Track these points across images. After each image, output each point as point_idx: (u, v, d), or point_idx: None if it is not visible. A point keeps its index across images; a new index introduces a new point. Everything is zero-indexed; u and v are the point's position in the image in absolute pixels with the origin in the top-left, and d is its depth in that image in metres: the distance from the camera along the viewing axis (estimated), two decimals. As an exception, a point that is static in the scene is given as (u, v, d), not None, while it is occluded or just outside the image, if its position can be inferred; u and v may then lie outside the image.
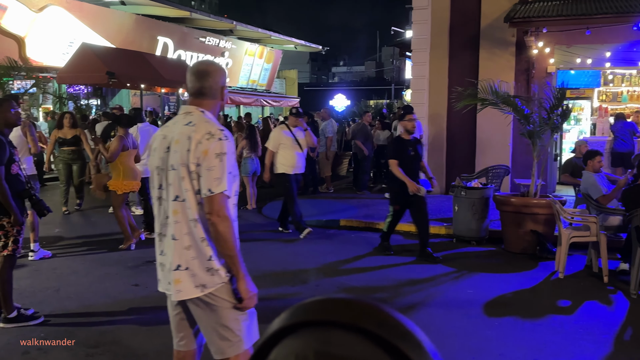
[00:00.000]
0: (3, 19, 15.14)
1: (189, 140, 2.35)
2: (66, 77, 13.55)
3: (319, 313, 0.56)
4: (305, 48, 30.22)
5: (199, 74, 2.48)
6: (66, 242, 7.28)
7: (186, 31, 21.80)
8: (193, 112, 2.45)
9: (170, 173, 2.40)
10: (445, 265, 6.41)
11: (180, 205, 2.39)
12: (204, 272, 2.39)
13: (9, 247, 4.44)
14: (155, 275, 5.83)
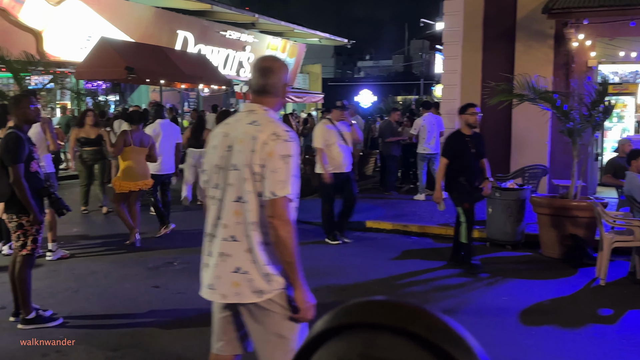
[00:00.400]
0: (20, 12, 15.48)
1: (253, 141, 2.36)
2: (84, 72, 13.81)
3: (364, 315, 0.57)
4: (330, 42, 30.25)
5: (264, 70, 2.50)
6: (85, 242, 7.43)
7: (206, 24, 22.00)
8: (257, 110, 2.47)
9: (231, 173, 2.42)
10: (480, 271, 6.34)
11: (242, 206, 2.40)
12: (261, 277, 2.40)
13: (27, 246, 4.53)
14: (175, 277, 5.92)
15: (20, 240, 4.52)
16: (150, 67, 14.04)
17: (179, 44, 20.47)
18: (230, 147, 2.44)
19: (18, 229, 4.50)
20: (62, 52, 16.51)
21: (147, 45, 16.30)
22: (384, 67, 58.90)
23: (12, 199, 4.45)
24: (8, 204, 4.50)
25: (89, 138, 9.16)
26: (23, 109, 4.57)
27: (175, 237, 7.88)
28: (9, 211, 4.51)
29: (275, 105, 2.54)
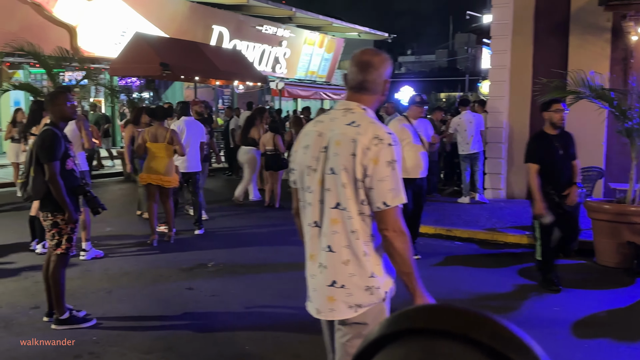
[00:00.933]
0: (55, 7, 15.95)
1: (353, 144, 2.27)
2: (119, 68, 14.13)
3: (425, 321, 0.57)
4: (370, 36, 30.16)
5: (363, 65, 2.38)
6: (118, 242, 7.60)
7: (242, 19, 22.24)
8: (354, 109, 2.37)
9: (328, 177, 2.33)
10: (528, 278, 6.24)
11: (341, 214, 2.31)
12: (361, 290, 2.32)
13: (62, 245, 4.65)
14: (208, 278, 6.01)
15: (55, 239, 4.64)
16: (185, 64, 14.27)
17: (214, 40, 20.75)
18: (325, 148, 2.35)
19: (53, 227, 4.62)
20: (96, 47, 16.94)
21: (182, 40, 16.58)
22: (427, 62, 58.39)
23: (48, 197, 4.57)
24: (43, 202, 4.63)
25: None
26: (60, 106, 4.68)
27: (210, 237, 7.99)
28: (44, 209, 4.64)
29: (374, 104, 2.44)
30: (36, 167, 4.54)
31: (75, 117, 5.05)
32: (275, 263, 6.75)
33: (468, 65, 40.55)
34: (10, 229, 8.18)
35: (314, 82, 27.29)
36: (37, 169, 4.54)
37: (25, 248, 7.00)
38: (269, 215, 9.71)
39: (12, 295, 5.41)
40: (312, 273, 2.45)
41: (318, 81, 27.89)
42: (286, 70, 25.41)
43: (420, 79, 42.73)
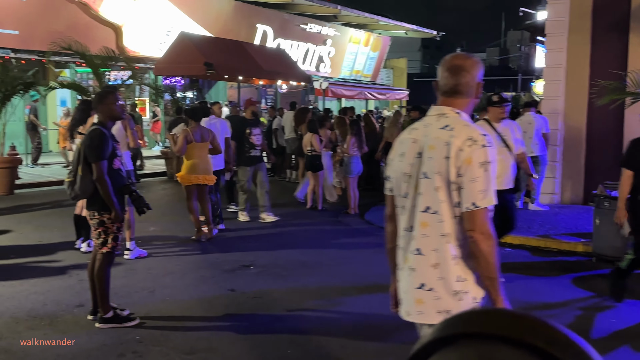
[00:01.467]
0: (101, 6, 16.42)
1: (447, 147, 2.33)
2: (163, 68, 14.45)
3: (480, 325, 0.58)
4: (417, 34, 29.96)
5: (455, 69, 2.45)
6: (161, 242, 7.78)
7: (287, 18, 22.42)
8: (448, 113, 2.44)
9: (422, 181, 2.40)
10: (583, 288, 6.09)
11: (431, 217, 2.37)
12: (450, 295, 2.35)
13: (108, 244, 4.79)
14: (251, 280, 6.07)
15: (101, 237, 4.78)
16: (228, 63, 14.49)
17: (257, 39, 20.99)
18: (419, 154, 2.42)
19: (99, 226, 4.76)
20: (141, 47, 17.36)
21: (226, 40, 16.84)
22: (477, 61, 57.37)
23: (95, 196, 4.71)
24: (90, 201, 4.77)
25: None
26: (109, 105, 4.83)
27: (252, 239, 8.09)
28: (90, 208, 4.79)
29: (467, 107, 2.49)
30: (84, 166, 4.68)
31: (123, 116, 5.19)
32: (318, 266, 6.78)
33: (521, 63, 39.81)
34: (56, 227, 8.47)
35: (358, 81, 27.26)
36: (85, 168, 4.68)
37: (70, 246, 7.24)
38: (311, 218, 9.75)
39: (57, 293, 5.60)
40: (404, 276, 2.50)
41: (363, 81, 27.85)
42: (330, 70, 25.47)
43: (470, 78, 42.04)
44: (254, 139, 9.14)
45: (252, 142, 9.11)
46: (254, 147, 9.15)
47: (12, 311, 5.08)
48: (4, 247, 7.35)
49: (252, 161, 9.18)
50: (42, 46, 14.85)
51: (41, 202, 10.69)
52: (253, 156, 9.17)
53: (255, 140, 9.15)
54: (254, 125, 9.30)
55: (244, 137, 9.10)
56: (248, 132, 9.10)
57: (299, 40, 23.18)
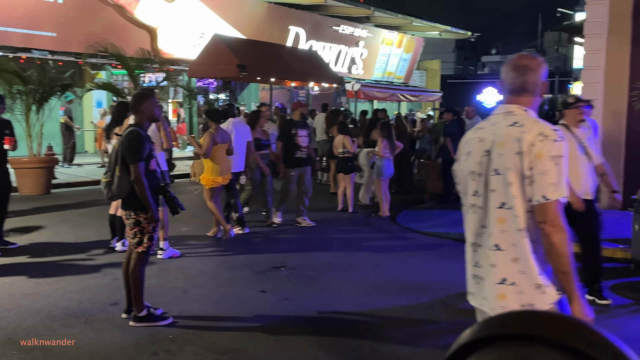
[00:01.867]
0: (136, 9, 16.71)
1: (518, 142, 2.38)
2: (197, 70, 14.63)
3: (519, 327, 0.58)
4: (451, 35, 29.73)
5: (521, 68, 2.53)
6: (194, 242, 7.88)
7: (319, 19, 22.49)
8: (515, 111, 2.49)
9: (493, 178, 2.45)
10: (621, 295, 5.97)
11: (507, 213, 2.41)
12: (532, 289, 2.38)
13: (144, 244, 4.88)
14: (282, 282, 6.12)
15: (137, 237, 4.87)
16: (261, 65, 14.59)
17: (290, 40, 21.10)
18: (487, 151, 2.48)
19: (135, 226, 4.85)
20: (175, 49, 17.61)
21: (259, 42, 16.97)
22: (512, 62, 56.61)
23: (131, 196, 4.80)
24: (126, 201, 4.86)
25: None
26: (147, 107, 4.93)
27: (283, 241, 8.14)
28: (127, 208, 4.87)
29: (534, 105, 2.56)
30: (121, 166, 4.77)
31: (160, 118, 5.30)
32: (349, 269, 6.78)
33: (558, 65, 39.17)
34: (91, 226, 8.65)
35: (391, 83, 27.16)
36: (123, 168, 4.76)
37: (105, 245, 7.39)
38: (342, 220, 9.76)
39: (92, 292, 5.72)
40: (480, 275, 2.54)
41: (395, 82, 27.75)
42: (362, 71, 25.45)
43: (505, 80, 41.54)
44: (300, 140, 9.11)
45: (298, 144, 9.08)
46: (300, 149, 9.13)
47: (48, 309, 5.21)
48: (40, 245, 7.55)
49: (298, 163, 9.13)
50: (78, 48, 15.20)
51: (77, 201, 10.93)
52: (299, 158, 9.13)
53: (301, 142, 9.11)
54: (300, 127, 9.27)
55: (290, 139, 9.09)
56: (294, 133, 9.08)
57: (331, 41, 23.22)
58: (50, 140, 13.58)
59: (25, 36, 14.65)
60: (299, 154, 9.12)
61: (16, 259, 6.86)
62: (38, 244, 7.61)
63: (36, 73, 12.03)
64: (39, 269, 6.49)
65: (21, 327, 4.78)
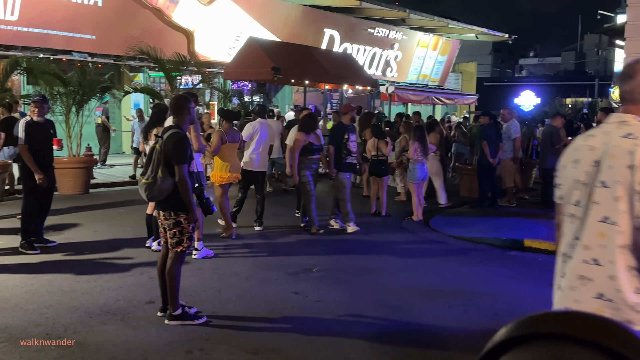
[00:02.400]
0: (174, 12, 16.99)
1: (630, 155, 2.28)
2: (232, 72, 14.81)
3: (554, 326, 0.60)
4: (488, 37, 29.41)
5: (625, 76, 2.44)
6: (227, 243, 7.98)
7: (354, 22, 22.49)
8: (630, 121, 2.39)
9: (598, 190, 2.36)
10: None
11: (609, 228, 2.32)
12: (628, 307, 2.30)
13: (183, 244, 4.99)
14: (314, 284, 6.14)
15: (176, 237, 4.96)
16: (295, 67, 14.68)
17: (324, 43, 21.16)
18: (597, 162, 2.38)
19: (175, 226, 4.94)
20: (211, 52, 17.83)
21: (293, 44, 17.07)
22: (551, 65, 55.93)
23: (171, 197, 4.89)
24: (166, 202, 4.94)
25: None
26: (188, 109, 5.05)
27: (315, 243, 8.18)
28: (166, 209, 4.95)
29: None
30: (164, 168, 4.84)
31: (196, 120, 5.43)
32: (381, 272, 6.78)
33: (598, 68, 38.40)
34: (128, 225, 8.84)
35: (425, 86, 27.01)
36: (165, 170, 4.84)
37: (141, 244, 7.54)
38: (375, 223, 9.75)
39: (129, 290, 5.85)
40: (572, 285, 2.44)
41: (430, 85, 27.57)
42: (397, 74, 25.36)
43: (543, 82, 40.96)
44: (351, 145, 9.04)
45: (349, 149, 9.01)
46: (351, 154, 9.05)
47: (86, 306, 5.35)
48: (79, 244, 7.74)
49: (349, 168, 9.07)
50: (117, 50, 15.54)
51: (114, 201, 11.17)
52: (350, 163, 9.06)
53: (351, 147, 9.05)
54: (352, 131, 9.21)
55: (341, 143, 8.97)
56: (346, 138, 8.99)
57: (365, 44, 23.21)
58: (89, 141, 13.90)
59: (65, 38, 15.03)
60: (349, 159, 9.03)
61: (55, 257, 7.05)
62: (76, 243, 7.81)
63: (76, 75, 12.34)
64: (78, 266, 6.66)
65: (60, 323, 4.92)
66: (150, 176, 4.88)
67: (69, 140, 12.11)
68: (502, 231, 9.01)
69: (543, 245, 8.19)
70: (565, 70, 49.52)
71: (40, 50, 14.52)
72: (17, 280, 6.06)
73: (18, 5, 13.83)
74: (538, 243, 8.27)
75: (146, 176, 4.91)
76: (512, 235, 8.73)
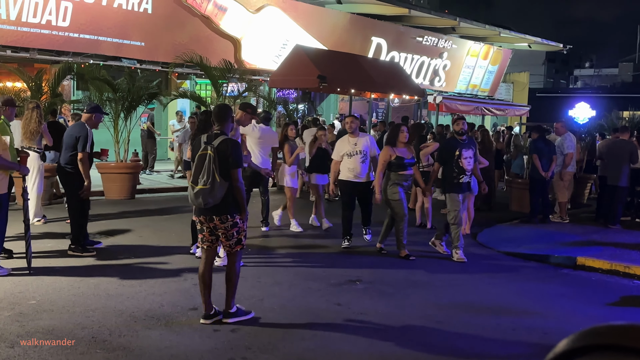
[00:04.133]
0: (222, 20, 17.32)
1: None
2: (278, 80, 15.00)
3: (616, 338, 0.61)
4: (542, 47, 28.98)
5: None
6: (270, 252, 8.06)
7: (402, 30, 22.49)
8: None
9: None
10: None
11: None
12: None
13: (243, 242, 5.31)
14: (357, 296, 6.13)
15: (235, 237, 5.23)
16: (341, 76, 14.78)
17: (372, 51, 21.21)
18: None
19: (233, 227, 5.20)
20: (258, 59, 18.10)
21: (340, 53, 17.18)
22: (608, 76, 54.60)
23: (226, 201, 5.11)
24: (222, 207, 5.12)
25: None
26: (231, 117, 5.42)
27: (359, 254, 8.17)
28: (222, 213, 5.13)
29: None
30: (221, 172, 5.07)
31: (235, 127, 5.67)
32: (426, 286, 6.73)
33: (658, 80, 37.22)
34: (173, 231, 9.02)
35: (475, 96, 26.74)
36: (223, 174, 5.07)
37: (186, 251, 7.69)
38: (420, 235, 9.68)
39: (173, 295, 5.97)
40: None
41: (480, 95, 27.28)
42: (445, 83, 25.20)
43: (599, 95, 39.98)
44: (465, 162, 8.00)
45: (462, 166, 7.99)
46: (464, 172, 8.01)
47: (131, 310, 5.48)
48: (125, 248, 7.94)
49: (461, 188, 8.08)
50: (165, 57, 15.93)
51: (160, 207, 11.42)
52: (461, 183, 8.05)
53: (465, 165, 8.00)
54: (465, 147, 8.09)
55: (451, 160, 8.06)
56: (457, 155, 8.02)
57: (413, 52, 23.16)
58: (137, 147, 14.25)
59: (115, 45, 15.50)
60: (464, 178, 8.03)
61: (102, 261, 7.25)
62: (123, 247, 8.02)
63: (125, 81, 12.70)
64: (124, 271, 6.83)
65: (105, 326, 5.06)
66: (206, 181, 5.02)
67: (116, 145, 12.46)
68: (554, 248, 8.83)
69: (597, 263, 7.99)
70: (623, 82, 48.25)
71: (91, 57, 15.02)
72: (65, 282, 6.26)
73: (70, 11, 14.34)
74: (592, 261, 8.07)
75: (202, 182, 5.03)
76: (564, 252, 8.55)
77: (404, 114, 17.71)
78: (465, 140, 8.13)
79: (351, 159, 8.37)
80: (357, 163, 8.35)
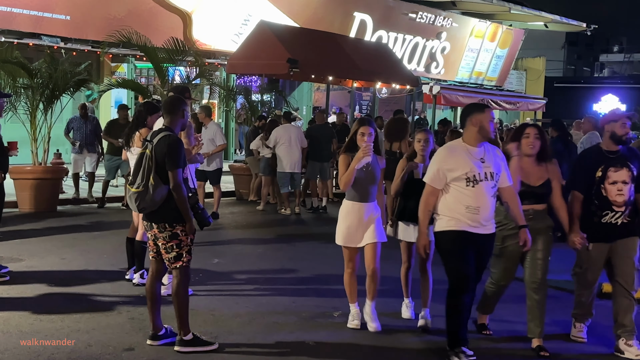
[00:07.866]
0: (169, -11, 17.23)
1: None
2: (238, 64, 14.95)
3: None
4: (561, 26, 29.43)
5: None
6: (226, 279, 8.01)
7: (391, 4, 22.64)
8: None
9: None
10: None
11: None
12: None
13: (183, 258, 5.33)
14: (335, 331, 6.06)
15: (174, 251, 5.30)
16: (316, 60, 14.79)
17: (354, 30, 21.31)
18: None
19: (172, 239, 5.28)
20: (213, 39, 18.06)
21: (315, 31, 17.21)
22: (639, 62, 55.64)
23: (165, 207, 5.23)
24: (158, 214, 5.26)
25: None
26: (182, 112, 5.47)
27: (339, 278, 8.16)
28: (160, 221, 5.27)
29: None
30: (157, 174, 5.18)
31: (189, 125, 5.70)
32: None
33: (700, 67, 38.08)
34: (104, 252, 8.92)
35: (480, 85, 27.02)
36: (157, 177, 5.18)
37: (120, 277, 7.61)
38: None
39: (103, 333, 5.87)
40: None
41: (486, 85, 27.58)
42: (444, 70, 25.43)
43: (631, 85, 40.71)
44: (610, 189, 5.76)
45: (604, 196, 5.78)
46: (612, 207, 5.72)
47: (50, 352, 5.38)
48: (42, 274, 7.79)
49: (602, 233, 5.84)
50: (97, 35, 15.78)
51: (88, 221, 11.28)
52: (604, 224, 5.81)
53: (611, 193, 5.75)
54: (615, 163, 5.78)
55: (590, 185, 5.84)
56: (599, 176, 5.80)
57: (405, 32, 23.32)
58: (59, 146, 14.03)
59: (33, 19, 15.32)
60: (605, 214, 5.88)
61: (13, 290, 7.11)
62: (39, 272, 7.88)
63: (45, 64, 12.52)
64: (41, 302, 6.72)
65: (17, 372, 4.97)
66: (140, 184, 5.20)
67: (33, 144, 12.26)
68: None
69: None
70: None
71: (2, 33, 14.80)
72: (-35, 317, 6.14)
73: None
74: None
75: (136, 184, 5.24)
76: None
77: (395, 107, 17.74)
78: (623, 153, 5.87)
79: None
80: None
